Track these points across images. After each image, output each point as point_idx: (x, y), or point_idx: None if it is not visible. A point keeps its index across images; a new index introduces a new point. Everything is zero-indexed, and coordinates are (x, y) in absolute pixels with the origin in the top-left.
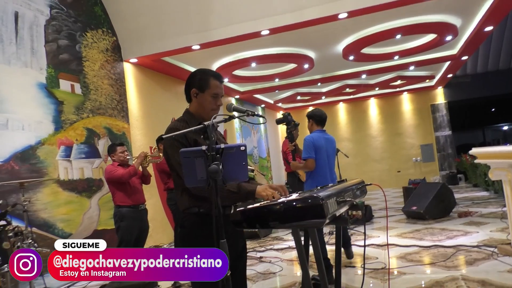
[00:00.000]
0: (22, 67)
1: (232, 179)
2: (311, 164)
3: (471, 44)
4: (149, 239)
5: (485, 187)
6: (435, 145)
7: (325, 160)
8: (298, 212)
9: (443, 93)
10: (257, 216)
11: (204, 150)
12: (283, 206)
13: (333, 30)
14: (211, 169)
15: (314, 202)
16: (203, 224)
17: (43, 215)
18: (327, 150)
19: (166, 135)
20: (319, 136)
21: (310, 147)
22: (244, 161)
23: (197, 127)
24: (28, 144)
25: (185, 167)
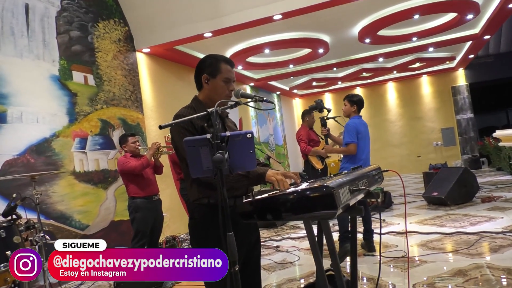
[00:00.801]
0: (35, 60)
1: (239, 168)
2: (354, 149)
3: (494, 22)
4: (166, 229)
5: (509, 170)
6: (456, 128)
7: (363, 145)
8: (308, 202)
9: (464, 75)
10: (265, 207)
11: (208, 138)
12: (292, 196)
13: (348, 12)
14: (215, 158)
15: (324, 192)
16: (214, 216)
17: (60, 207)
18: (364, 135)
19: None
20: (360, 122)
21: (353, 132)
22: (252, 149)
23: (200, 114)
24: (43, 137)
25: (190, 157)
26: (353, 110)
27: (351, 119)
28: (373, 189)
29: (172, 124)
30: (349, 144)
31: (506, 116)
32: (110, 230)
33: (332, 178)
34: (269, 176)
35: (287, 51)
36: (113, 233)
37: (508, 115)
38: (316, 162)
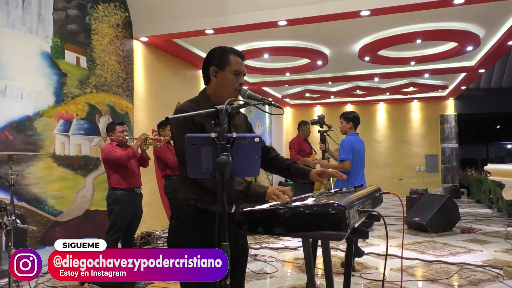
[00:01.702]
0: (27, 33)
1: (241, 173)
2: (348, 165)
3: (491, 57)
4: (142, 224)
5: (488, 204)
6: (440, 156)
7: (358, 162)
8: (314, 220)
9: (453, 105)
10: (265, 219)
11: (213, 137)
12: (297, 212)
13: (352, 28)
14: (219, 160)
15: (335, 211)
16: (198, 220)
17: (34, 190)
18: (359, 152)
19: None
20: (356, 140)
21: (348, 149)
22: (257, 155)
23: (209, 110)
24: (26, 115)
25: (190, 155)
26: (349, 127)
27: (347, 136)
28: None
29: (180, 117)
30: (344, 161)
31: (486, 150)
32: (84, 219)
33: (335, 195)
34: (269, 195)
35: (286, 59)
36: (87, 222)
37: (488, 149)
38: None
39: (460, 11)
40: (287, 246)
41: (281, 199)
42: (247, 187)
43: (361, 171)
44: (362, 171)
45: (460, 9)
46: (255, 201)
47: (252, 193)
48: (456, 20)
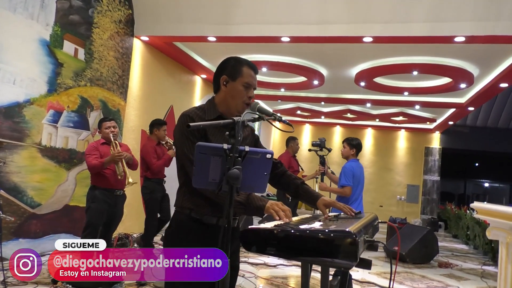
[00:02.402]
0: (28, 19)
1: (247, 188)
2: (349, 191)
3: (481, 96)
4: (121, 225)
5: (465, 240)
6: (421, 187)
7: (358, 189)
8: (324, 246)
9: (439, 138)
10: (270, 239)
11: (226, 149)
12: (306, 236)
13: (352, 52)
14: (231, 174)
15: (348, 239)
16: (191, 230)
17: (15, 178)
18: (360, 179)
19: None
20: (357, 166)
21: (349, 175)
22: (267, 171)
23: (226, 121)
24: (16, 101)
25: (198, 164)
26: (351, 153)
27: (349, 162)
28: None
29: (200, 126)
30: (345, 187)
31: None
32: (62, 214)
33: (339, 220)
34: (267, 209)
35: (283, 74)
36: (65, 218)
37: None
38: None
39: (458, 49)
40: (266, 263)
41: (279, 216)
42: (247, 199)
43: (360, 197)
44: (360, 198)
45: (459, 47)
46: (253, 213)
47: (251, 205)
48: (453, 57)
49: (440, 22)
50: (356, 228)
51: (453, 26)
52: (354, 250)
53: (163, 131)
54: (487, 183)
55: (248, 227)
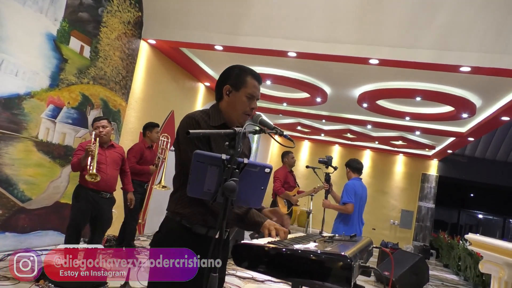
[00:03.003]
0: (36, 12)
1: (242, 201)
2: (351, 208)
3: (482, 127)
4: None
5: (456, 270)
6: (415, 213)
7: (359, 206)
8: (318, 269)
9: (436, 166)
10: (262, 256)
11: (224, 159)
12: (300, 256)
13: (357, 73)
14: (227, 185)
15: (341, 262)
16: (180, 237)
17: (7, 171)
18: (361, 197)
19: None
20: (359, 184)
21: (351, 192)
22: (264, 186)
23: (227, 131)
24: (16, 92)
25: (194, 173)
26: (348, 171)
27: (351, 180)
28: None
29: (200, 134)
30: (347, 204)
31: (458, 215)
32: (52, 210)
33: (334, 242)
34: (263, 228)
35: (287, 89)
36: (54, 215)
37: (459, 215)
38: (282, 205)
39: (463, 79)
40: (254, 277)
41: (271, 235)
42: (246, 213)
43: (358, 214)
44: (359, 213)
45: (464, 76)
46: (250, 228)
47: (250, 220)
48: (457, 86)
49: (447, 50)
50: (352, 253)
51: (459, 55)
52: (349, 275)
53: (155, 133)
54: (481, 215)
55: (240, 241)
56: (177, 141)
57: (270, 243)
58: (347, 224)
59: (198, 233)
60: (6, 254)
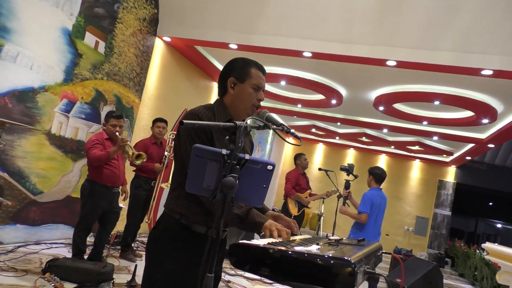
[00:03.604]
0: (53, 6)
1: (243, 200)
2: (365, 218)
3: (503, 134)
4: (121, 222)
5: (472, 281)
6: (431, 220)
7: (376, 217)
8: (318, 273)
9: (454, 173)
10: (261, 258)
11: (224, 154)
12: (300, 259)
13: (374, 75)
14: (225, 181)
15: (343, 267)
16: (178, 236)
17: (20, 163)
18: (379, 208)
19: (186, 120)
20: (377, 195)
21: (368, 202)
22: (266, 184)
23: (226, 124)
24: (31, 86)
25: (193, 168)
26: (370, 180)
27: (369, 190)
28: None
29: (196, 125)
30: (362, 214)
31: (475, 225)
32: (63, 204)
33: (339, 245)
34: (264, 228)
35: (301, 90)
36: (65, 208)
37: (477, 224)
38: (292, 207)
39: (484, 83)
40: (262, 279)
41: (273, 236)
42: (247, 213)
43: (377, 225)
44: (376, 224)
45: (485, 80)
46: (250, 229)
47: (250, 220)
48: (478, 91)
49: (468, 53)
50: (357, 257)
51: (481, 58)
52: (351, 281)
53: (157, 128)
54: (499, 224)
55: (238, 241)
56: (178, 137)
57: (270, 243)
58: (362, 232)
59: (197, 232)
60: (16, 245)
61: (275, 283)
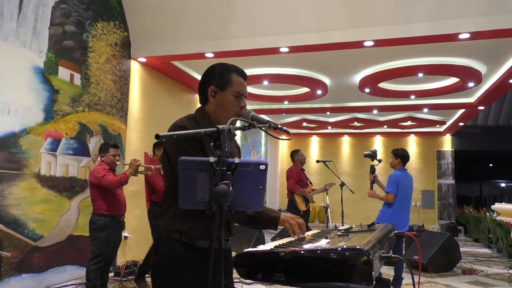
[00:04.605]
0: (20, 47)
1: (241, 205)
2: (392, 198)
3: (491, 94)
4: (129, 252)
5: (487, 244)
6: (436, 192)
7: (403, 196)
8: (333, 269)
9: (450, 141)
10: (270, 264)
11: (212, 162)
12: (310, 257)
13: (354, 58)
14: (219, 190)
15: (357, 257)
16: (183, 257)
17: (14, 211)
18: (406, 187)
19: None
20: (403, 175)
21: (393, 183)
22: (262, 185)
23: (209, 129)
24: (11, 131)
25: (183, 182)
26: (397, 163)
27: (395, 171)
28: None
29: (174, 135)
30: (388, 194)
31: (480, 188)
32: (66, 245)
33: (349, 235)
34: (283, 222)
35: (285, 87)
36: (69, 248)
37: (481, 187)
38: (300, 202)
39: (464, 47)
40: None
41: (294, 231)
42: (258, 211)
43: (405, 206)
44: (406, 203)
45: (464, 44)
46: (267, 226)
47: (264, 217)
48: (459, 56)
49: (443, 20)
50: (368, 243)
51: (456, 23)
52: (369, 270)
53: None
54: (503, 183)
55: (244, 250)
56: (166, 154)
57: (279, 246)
58: (393, 211)
59: (201, 248)
60: None
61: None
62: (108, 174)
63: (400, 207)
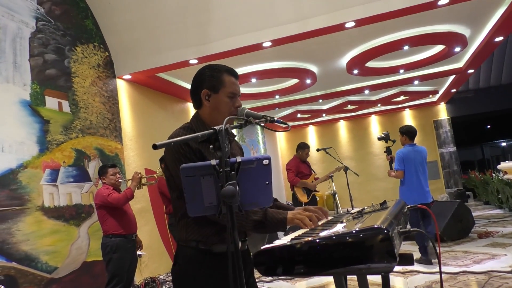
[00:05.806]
0: (3, 83)
1: (251, 204)
2: (401, 174)
3: (479, 56)
4: (145, 269)
5: (498, 204)
6: (439, 162)
7: (412, 170)
8: (353, 252)
9: (445, 109)
10: (289, 257)
11: (214, 165)
12: (328, 244)
13: (337, 42)
14: (225, 191)
15: (377, 236)
16: (202, 264)
17: (24, 247)
18: (414, 161)
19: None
20: (409, 150)
21: (400, 160)
22: (268, 180)
23: (205, 132)
24: (8, 168)
25: (188, 190)
26: (404, 140)
27: (400, 149)
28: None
29: (167, 143)
30: (398, 171)
31: (481, 151)
32: (82, 272)
33: (364, 216)
34: (291, 220)
35: (274, 81)
36: (85, 275)
37: (483, 150)
38: (301, 194)
39: (445, 13)
40: None
41: (306, 224)
42: (264, 215)
43: (422, 177)
44: (417, 175)
45: (444, 10)
46: (275, 229)
47: (271, 220)
48: (441, 22)
49: None
50: (385, 220)
51: None
52: (390, 247)
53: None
54: (503, 143)
55: (261, 248)
56: (167, 167)
57: (294, 238)
58: (406, 185)
59: (219, 253)
60: None
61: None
62: (113, 193)
63: (411, 181)
